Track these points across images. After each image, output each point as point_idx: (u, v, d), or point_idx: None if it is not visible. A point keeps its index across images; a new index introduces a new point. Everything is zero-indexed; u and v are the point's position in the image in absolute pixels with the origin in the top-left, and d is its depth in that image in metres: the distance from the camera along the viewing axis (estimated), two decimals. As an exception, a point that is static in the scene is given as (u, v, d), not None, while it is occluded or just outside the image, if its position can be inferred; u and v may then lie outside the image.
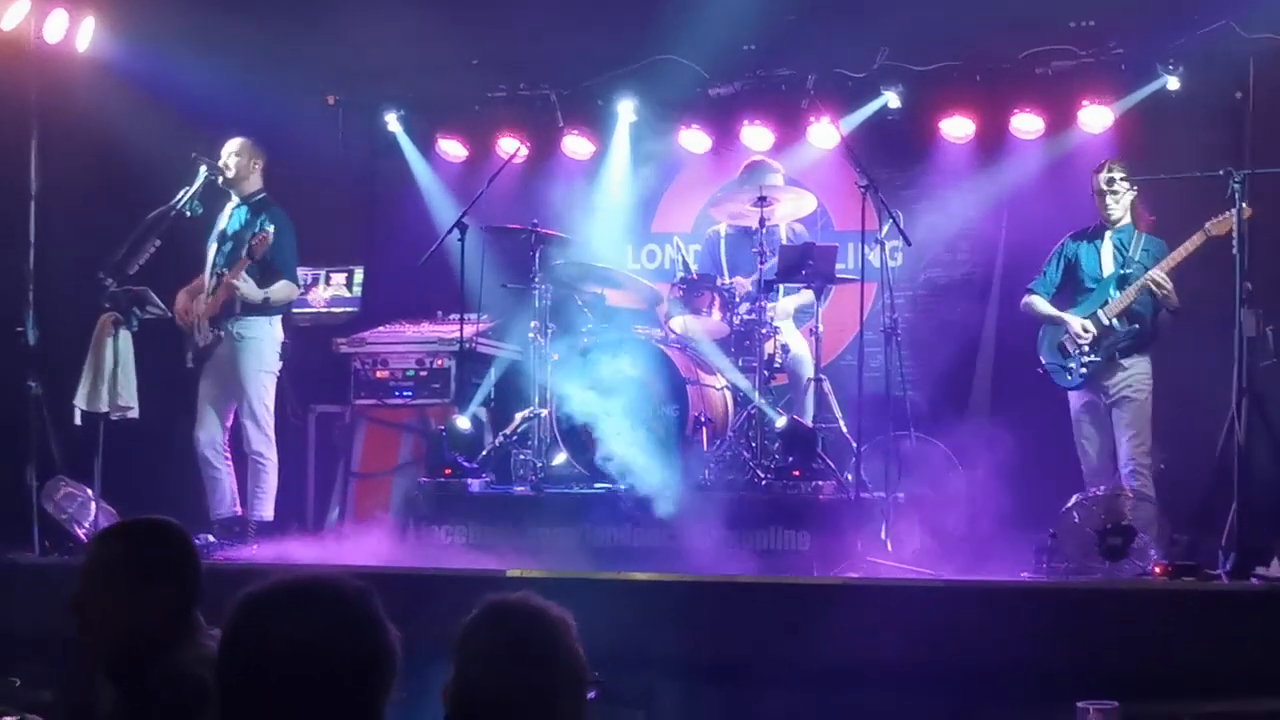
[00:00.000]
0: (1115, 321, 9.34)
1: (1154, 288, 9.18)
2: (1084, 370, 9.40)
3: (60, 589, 4.19)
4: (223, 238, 10.01)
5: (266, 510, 9.95)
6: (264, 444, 9.94)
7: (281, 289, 9.95)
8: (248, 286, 9.71)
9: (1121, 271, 9.42)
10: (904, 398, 9.59)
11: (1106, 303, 9.37)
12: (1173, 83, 10.38)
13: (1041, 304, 9.70)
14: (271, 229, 9.70)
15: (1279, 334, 8.72)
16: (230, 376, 9.91)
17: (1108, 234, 9.54)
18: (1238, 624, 7.33)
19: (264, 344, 9.95)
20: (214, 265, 9.95)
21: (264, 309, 9.89)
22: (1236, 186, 8.47)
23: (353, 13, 11.10)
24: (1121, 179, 9.44)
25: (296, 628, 2.77)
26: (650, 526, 9.00)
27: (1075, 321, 9.44)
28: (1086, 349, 9.36)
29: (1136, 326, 9.35)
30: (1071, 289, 9.66)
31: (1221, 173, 8.59)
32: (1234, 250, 8.41)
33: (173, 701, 3.77)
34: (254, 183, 10.13)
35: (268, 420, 9.98)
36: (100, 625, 4.03)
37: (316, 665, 2.75)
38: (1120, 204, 9.49)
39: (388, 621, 2.83)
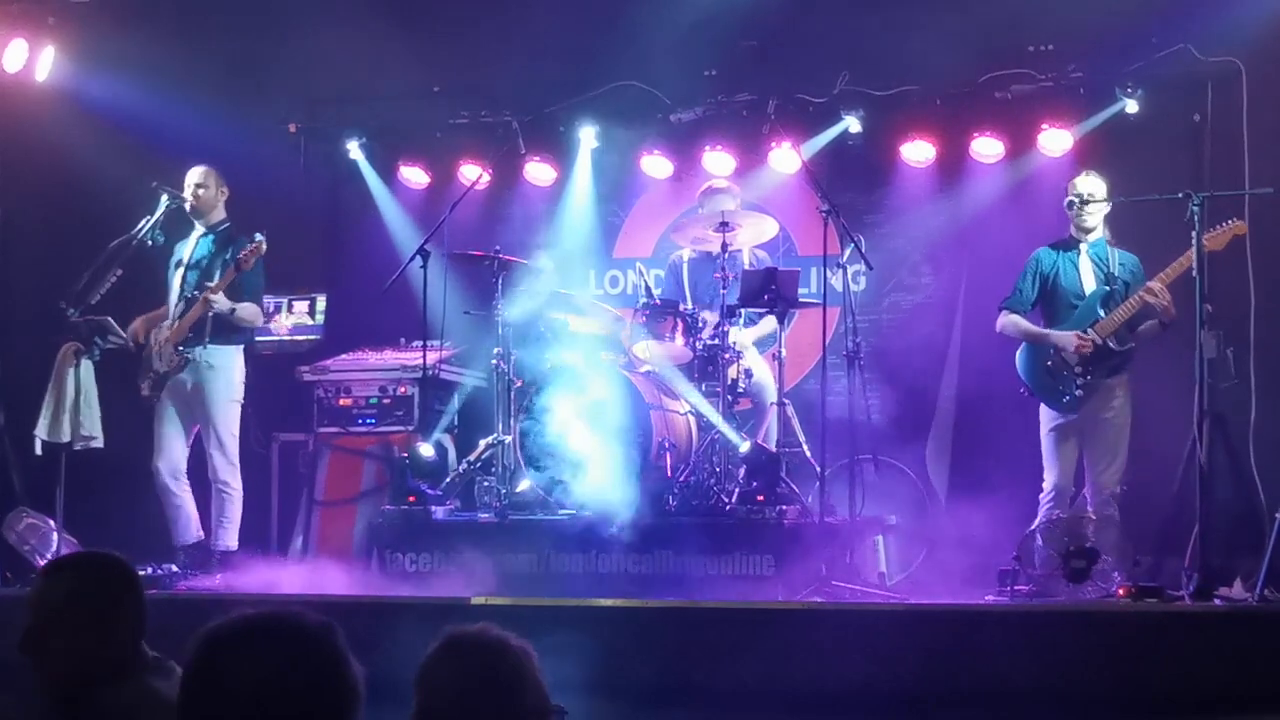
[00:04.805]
0: (1110, 340, 9.06)
1: (1151, 300, 8.89)
2: (1079, 391, 9.10)
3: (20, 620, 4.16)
4: (188, 266, 9.92)
5: (231, 539, 9.89)
6: (230, 473, 9.89)
7: (249, 309, 9.90)
8: (220, 299, 9.66)
9: (1106, 289, 9.17)
10: (867, 421, 9.60)
11: (1096, 321, 9.09)
12: (1132, 106, 10.43)
13: (1023, 323, 9.39)
14: (261, 238, 9.63)
15: (1239, 356, 8.76)
16: (195, 404, 9.84)
17: (1082, 247, 9.31)
18: (1201, 645, 7.36)
19: (232, 373, 9.91)
20: (180, 292, 9.88)
21: (230, 336, 9.84)
22: (1196, 209, 8.49)
23: (313, 41, 11.09)
24: (1101, 187, 9.27)
25: (258, 666, 2.74)
26: (614, 553, 8.99)
27: (1070, 337, 9.11)
28: (1080, 369, 9.06)
29: (1133, 345, 9.14)
30: (1051, 306, 9.40)
31: (1181, 195, 8.62)
32: (1194, 273, 8.44)
33: None
34: (220, 212, 10.08)
35: (234, 449, 9.93)
36: (51, 661, 3.99)
37: (278, 704, 2.72)
38: (1096, 215, 9.26)
39: (351, 657, 2.81)
